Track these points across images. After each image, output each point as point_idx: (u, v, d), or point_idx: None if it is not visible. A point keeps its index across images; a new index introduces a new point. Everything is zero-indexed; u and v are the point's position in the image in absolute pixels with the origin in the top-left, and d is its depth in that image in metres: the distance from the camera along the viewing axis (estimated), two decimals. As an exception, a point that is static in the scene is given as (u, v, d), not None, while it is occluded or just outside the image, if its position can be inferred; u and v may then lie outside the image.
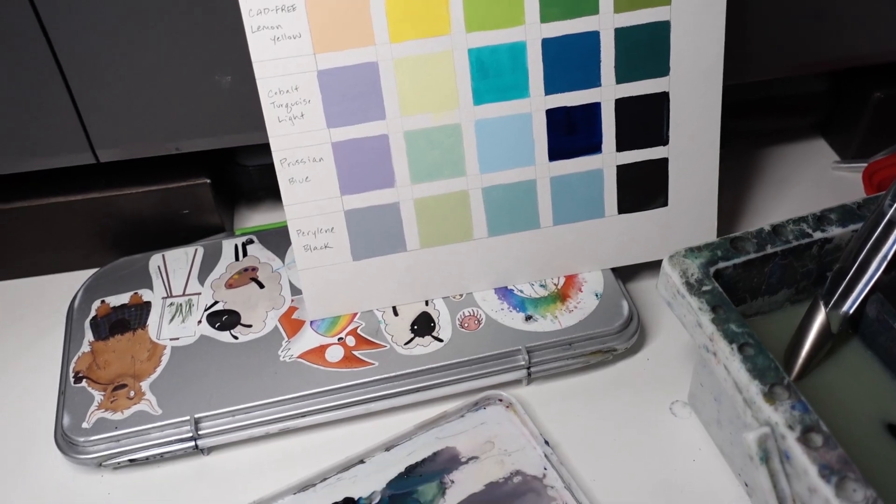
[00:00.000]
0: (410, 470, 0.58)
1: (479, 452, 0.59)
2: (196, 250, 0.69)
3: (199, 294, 0.66)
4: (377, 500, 0.56)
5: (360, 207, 0.60)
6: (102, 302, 0.66)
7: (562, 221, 0.63)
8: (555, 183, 0.62)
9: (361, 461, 0.59)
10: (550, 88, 0.59)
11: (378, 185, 0.60)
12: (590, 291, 0.64)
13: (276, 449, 0.60)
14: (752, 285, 0.54)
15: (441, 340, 0.62)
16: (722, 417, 0.55)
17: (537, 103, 0.59)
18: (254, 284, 0.66)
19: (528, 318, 0.63)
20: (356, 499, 0.57)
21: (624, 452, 0.59)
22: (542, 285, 0.65)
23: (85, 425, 0.58)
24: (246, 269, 0.68)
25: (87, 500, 0.58)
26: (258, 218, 0.78)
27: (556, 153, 0.61)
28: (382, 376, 0.60)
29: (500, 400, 0.61)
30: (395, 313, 0.64)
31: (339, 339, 0.62)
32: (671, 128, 0.62)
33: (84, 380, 0.61)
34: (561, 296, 0.64)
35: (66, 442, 0.58)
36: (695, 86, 0.60)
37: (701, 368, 0.56)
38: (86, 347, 0.63)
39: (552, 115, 0.60)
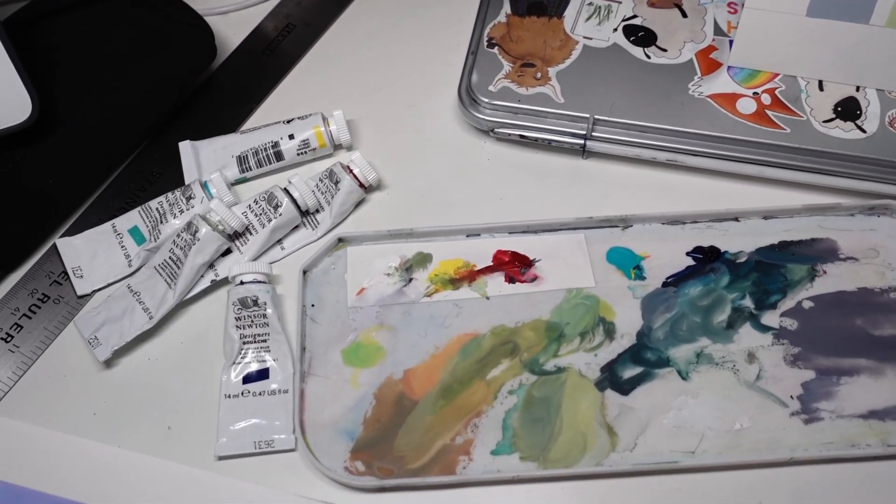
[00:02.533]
0: (785, 245, 0.56)
1: (860, 256, 0.55)
2: (624, -41, 0.66)
3: (620, 3, 0.64)
4: (743, 259, 0.55)
5: (845, -43, 0.54)
6: (523, -20, 0.65)
7: None
8: None
9: (736, 219, 0.57)
10: None
11: (881, -64, 0.53)
12: None
13: (655, 177, 0.59)
14: None
15: (864, 131, 0.57)
16: None
17: None
18: (677, 11, 0.63)
19: (970, 141, 0.56)
20: (722, 251, 0.56)
21: None
22: None
23: (491, 88, 0.59)
24: (671, -7, 0.64)
25: (467, 157, 0.61)
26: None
27: None
28: (790, 145, 0.56)
29: (900, 214, 0.56)
30: (821, 88, 0.58)
31: (755, 93, 0.58)
32: None
33: (496, 47, 0.61)
34: None
35: (469, 98, 0.60)
36: None
37: None
38: (502, 18, 0.63)
39: None
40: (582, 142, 0.58)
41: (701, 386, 0.50)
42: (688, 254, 0.56)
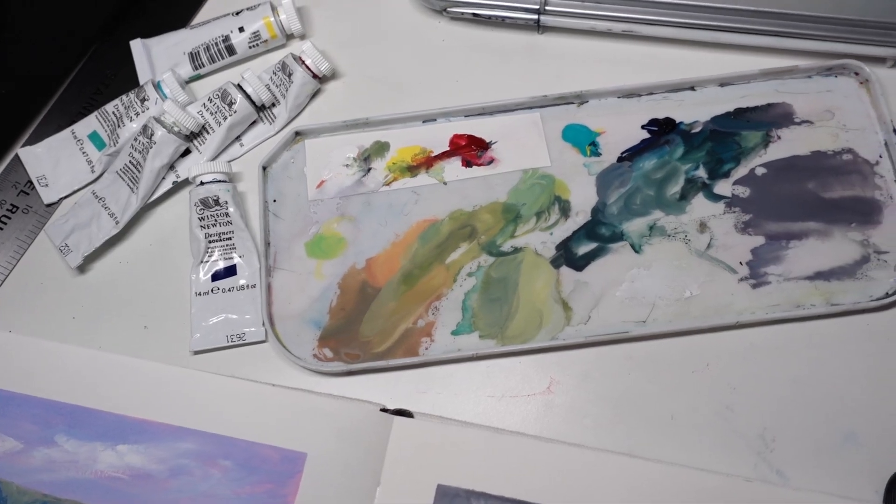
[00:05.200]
0: (740, 112, 0.56)
1: (815, 119, 0.55)
2: None
3: None
4: (698, 129, 0.56)
5: None
6: None
7: None
8: None
9: (692, 88, 0.57)
10: None
11: None
12: None
13: (611, 50, 0.59)
14: None
15: (821, -11, 0.55)
16: None
17: None
18: None
19: (930, -6, 0.55)
20: (677, 122, 0.56)
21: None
22: (958, -39, 0.55)
23: (441, -34, 0.58)
24: None
25: (422, 39, 0.60)
26: None
27: None
28: (744, 7, 0.55)
29: (857, 74, 0.56)
30: (779, -57, 0.57)
31: (711, -46, 0.57)
32: None
33: (444, -80, 0.59)
34: (977, -20, 0.55)
35: (419, -23, 0.59)
36: None
37: None
38: None
39: None
40: (536, 16, 0.57)
41: (653, 258, 0.52)
42: (643, 127, 0.56)
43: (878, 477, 0.46)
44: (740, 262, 0.52)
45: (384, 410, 0.47)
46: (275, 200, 0.55)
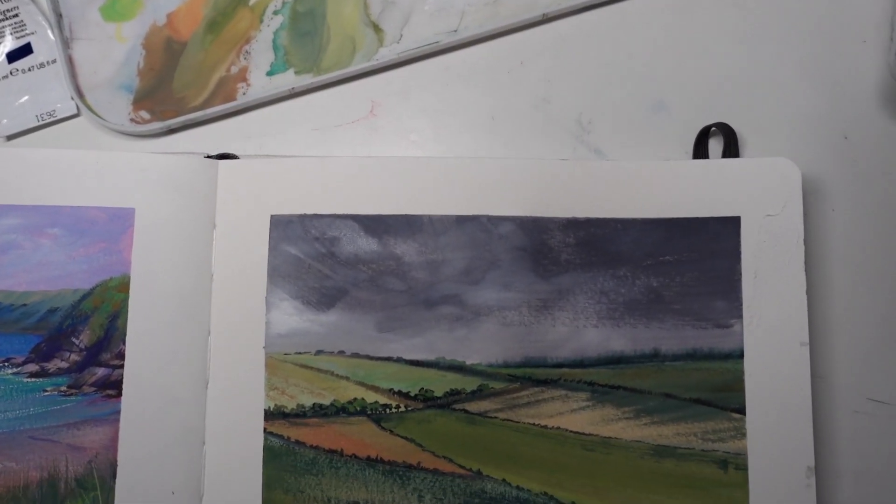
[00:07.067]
0: None
1: None
2: None
3: None
4: None
5: None
6: None
7: None
8: None
9: None
10: None
11: None
12: None
13: None
14: None
15: None
16: None
17: None
18: None
19: None
20: None
21: None
22: None
23: None
24: None
25: None
26: None
27: None
28: None
29: None
30: None
31: None
32: None
33: None
34: None
35: None
36: None
37: None
38: None
39: None
40: None
41: (457, -34, 0.51)
42: None
43: (687, 137, 0.49)
44: (545, -43, 0.51)
45: (208, 157, 0.47)
46: (57, -32, 0.51)
